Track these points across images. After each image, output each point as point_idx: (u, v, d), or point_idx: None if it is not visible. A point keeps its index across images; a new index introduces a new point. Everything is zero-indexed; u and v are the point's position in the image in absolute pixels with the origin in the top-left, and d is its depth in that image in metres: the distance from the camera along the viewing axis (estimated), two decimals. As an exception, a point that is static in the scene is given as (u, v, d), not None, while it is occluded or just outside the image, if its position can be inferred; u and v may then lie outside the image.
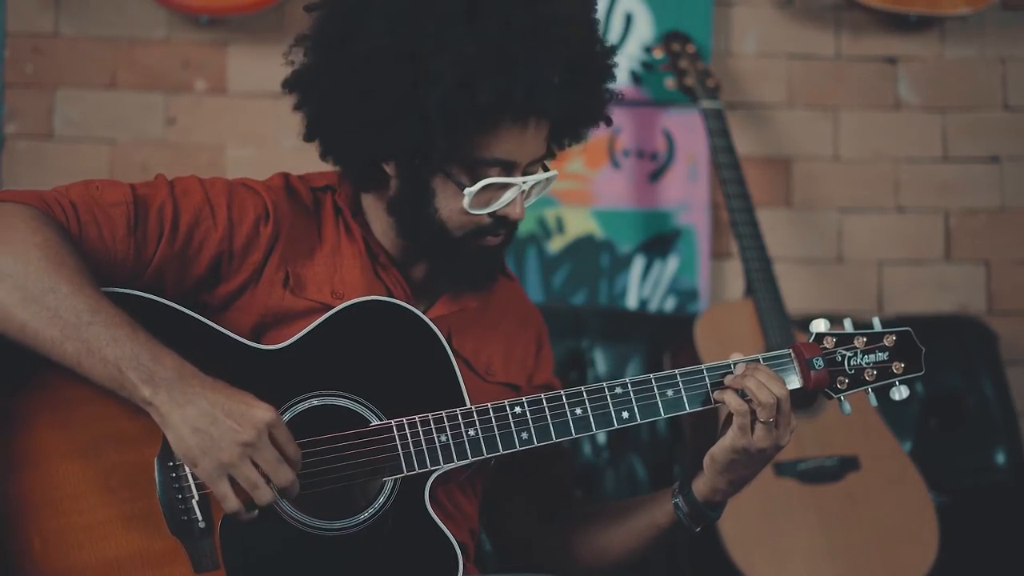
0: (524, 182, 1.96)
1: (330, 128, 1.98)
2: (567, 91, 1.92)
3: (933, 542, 2.91)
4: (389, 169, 1.98)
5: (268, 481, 1.74)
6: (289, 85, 2.01)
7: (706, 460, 1.97)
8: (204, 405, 1.73)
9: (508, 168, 1.94)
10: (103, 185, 1.90)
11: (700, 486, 2.00)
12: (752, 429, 1.91)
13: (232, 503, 1.74)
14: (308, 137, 2.03)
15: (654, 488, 2.75)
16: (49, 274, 1.74)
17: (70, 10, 3.36)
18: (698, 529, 2.03)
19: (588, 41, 1.98)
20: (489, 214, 1.96)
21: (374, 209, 2.05)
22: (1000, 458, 3.22)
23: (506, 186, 1.95)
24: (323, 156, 2.04)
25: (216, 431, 1.72)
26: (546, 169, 2.02)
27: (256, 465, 1.74)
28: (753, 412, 1.90)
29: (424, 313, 1.96)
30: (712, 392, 1.95)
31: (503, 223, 1.99)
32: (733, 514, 2.85)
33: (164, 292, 1.89)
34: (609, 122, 2.06)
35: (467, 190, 1.93)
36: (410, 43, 1.86)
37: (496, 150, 1.93)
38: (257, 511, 1.77)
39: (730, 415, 1.93)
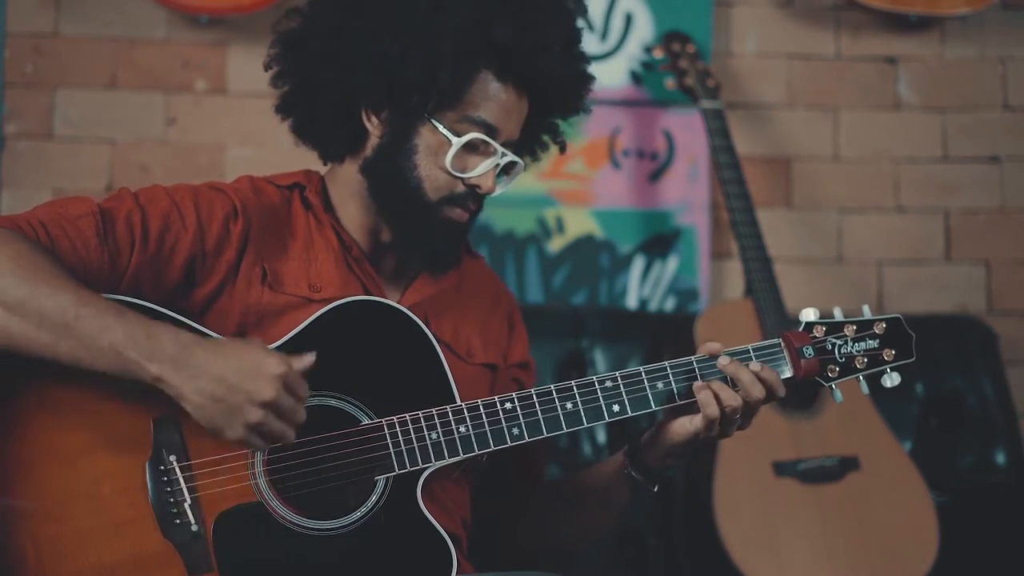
0: (503, 154, 2.01)
1: (325, 77, 2.00)
2: (564, 64, 2.03)
3: (933, 542, 2.91)
4: (372, 125, 2.02)
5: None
6: (280, 44, 2.07)
7: (662, 437, 1.99)
8: (215, 373, 1.74)
9: (491, 134, 2.00)
10: (66, 201, 1.90)
11: (653, 458, 2.03)
12: (721, 425, 1.95)
13: (261, 447, 1.79)
14: (283, 109, 2.08)
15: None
16: (26, 280, 1.74)
17: (70, 10, 3.36)
18: (656, 489, 2.06)
19: (578, 25, 2.10)
20: (463, 180, 2.00)
21: (344, 201, 2.08)
22: (1000, 458, 3.22)
23: (485, 153, 2.00)
24: (297, 129, 2.09)
25: (235, 398, 1.73)
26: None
27: (279, 418, 1.77)
28: (724, 414, 1.92)
29: (398, 302, 1.98)
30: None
31: (473, 195, 2.02)
32: (733, 514, 2.87)
33: (141, 299, 1.88)
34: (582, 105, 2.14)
35: (455, 139, 1.97)
36: None
37: (485, 111, 1.98)
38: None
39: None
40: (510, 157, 2.03)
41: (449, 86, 1.95)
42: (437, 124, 1.98)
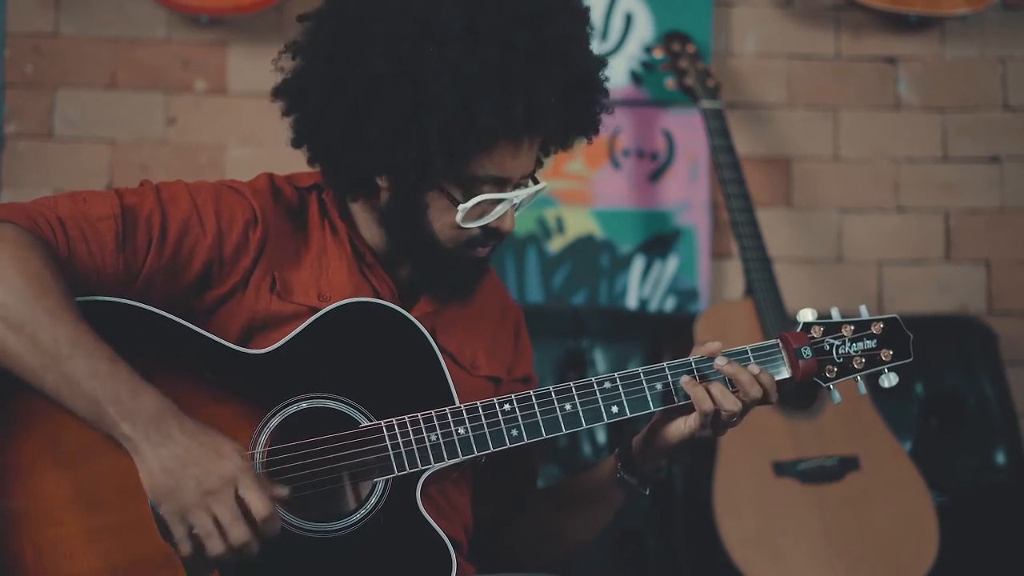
0: (516, 197, 1.97)
1: (321, 139, 1.97)
2: (565, 110, 1.94)
3: (933, 542, 2.91)
4: (381, 182, 1.99)
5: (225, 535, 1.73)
6: (279, 92, 2.01)
7: (657, 439, 1.99)
8: (177, 449, 1.72)
9: (501, 183, 1.96)
10: (90, 197, 1.89)
11: (646, 460, 2.03)
12: (716, 425, 1.94)
13: (184, 548, 1.73)
14: (296, 144, 2.02)
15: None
16: (31, 303, 1.73)
17: (70, 10, 3.36)
18: (647, 492, 2.06)
19: (585, 59, 1.99)
20: (480, 227, 1.97)
21: (360, 210, 2.06)
22: (1000, 458, 3.22)
23: (498, 200, 1.96)
24: (310, 163, 2.04)
25: (183, 475, 1.71)
26: (535, 181, 2.03)
27: (213, 516, 1.72)
28: (718, 412, 1.92)
29: (409, 311, 1.96)
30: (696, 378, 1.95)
31: (493, 235, 2.00)
32: (733, 514, 2.87)
33: (152, 300, 1.88)
34: (596, 132, 2.07)
35: (461, 206, 1.93)
36: (411, 67, 1.86)
37: (491, 167, 1.93)
38: (209, 566, 1.75)
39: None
40: (525, 193, 1.98)
41: (444, 166, 1.90)
42: (442, 191, 1.94)
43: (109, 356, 1.74)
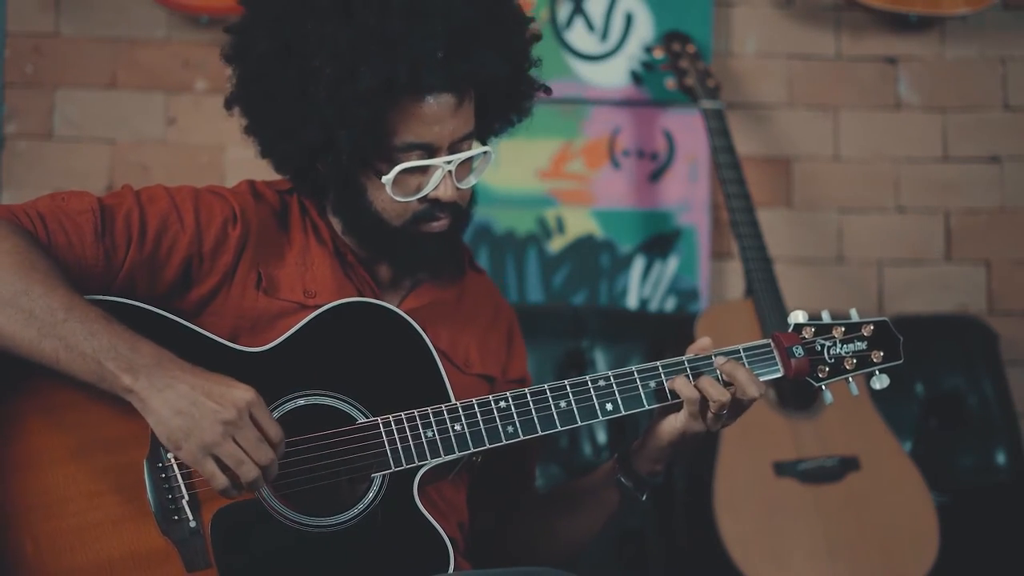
0: (448, 162, 1.95)
1: (263, 138, 2.00)
2: (456, 63, 1.91)
3: (933, 542, 2.91)
4: (323, 170, 2.00)
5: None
6: (228, 105, 2.05)
7: (651, 439, 2.00)
8: (184, 388, 1.73)
9: (430, 150, 1.94)
10: (68, 196, 1.91)
11: (643, 462, 2.04)
12: (704, 417, 1.94)
13: (220, 481, 1.74)
14: (263, 155, 2.04)
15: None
16: (20, 277, 1.75)
17: (70, 10, 3.37)
18: (644, 497, 2.06)
19: (478, 10, 1.94)
20: (420, 199, 1.96)
21: (332, 214, 2.07)
22: (1000, 458, 3.22)
23: (430, 169, 1.95)
24: (277, 171, 2.07)
25: (198, 412, 1.72)
26: (484, 143, 2.03)
27: (238, 444, 1.74)
28: (705, 403, 1.92)
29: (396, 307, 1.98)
30: (692, 379, 1.96)
31: (438, 206, 1.98)
32: (733, 514, 2.87)
33: (136, 297, 1.89)
34: (548, 91, 2.06)
35: (384, 178, 1.93)
36: (291, 44, 1.89)
37: (407, 134, 1.93)
38: (244, 489, 1.77)
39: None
40: (457, 157, 1.96)
41: (352, 141, 1.90)
42: (368, 167, 1.95)
43: (103, 316, 1.77)
